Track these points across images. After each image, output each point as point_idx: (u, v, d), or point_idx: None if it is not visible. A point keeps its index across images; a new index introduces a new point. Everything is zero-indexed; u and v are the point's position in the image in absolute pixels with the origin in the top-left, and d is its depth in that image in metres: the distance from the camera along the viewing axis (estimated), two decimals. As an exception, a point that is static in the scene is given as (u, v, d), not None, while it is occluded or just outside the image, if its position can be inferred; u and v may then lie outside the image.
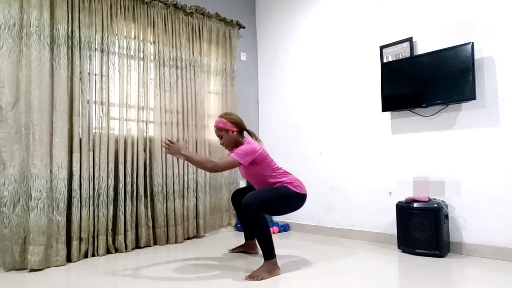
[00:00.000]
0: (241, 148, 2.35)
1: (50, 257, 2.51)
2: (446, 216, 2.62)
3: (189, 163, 3.37)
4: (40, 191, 2.47)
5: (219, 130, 2.51)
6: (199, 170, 3.45)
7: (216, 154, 3.68)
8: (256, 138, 2.57)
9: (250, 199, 2.19)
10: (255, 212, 2.18)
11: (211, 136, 3.66)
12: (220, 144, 2.55)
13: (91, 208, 2.75)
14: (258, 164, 2.40)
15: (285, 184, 2.39)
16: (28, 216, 2.44)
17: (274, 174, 2.43)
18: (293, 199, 2.37)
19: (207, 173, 3.54)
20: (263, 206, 2.23)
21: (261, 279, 2.13)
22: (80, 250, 2.67)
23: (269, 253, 2.23)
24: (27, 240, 2.42)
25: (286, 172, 2.50)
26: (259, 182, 2.48)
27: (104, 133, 2.86)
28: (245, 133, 2.61)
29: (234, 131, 2.49)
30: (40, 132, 2.50)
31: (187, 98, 3.42)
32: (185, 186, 3.35)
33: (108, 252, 2.85)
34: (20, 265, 2.42)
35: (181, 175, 3.34)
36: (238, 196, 2.80)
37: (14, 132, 2.44)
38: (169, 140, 2.21)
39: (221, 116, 2.53)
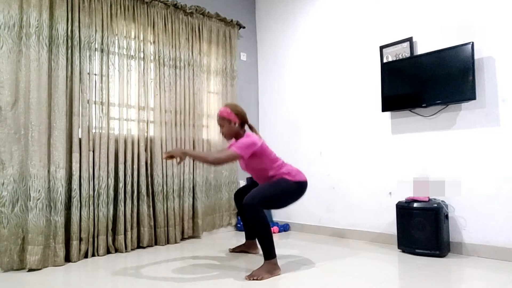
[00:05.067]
0: (241, 142, 2.33)
1: (49, 257, 2.51)
2: (446, 216, 2.61)
3: (192, 162, 3.39)
4: (39, 191, 2.47)
5: (222, 119, 2.50)
6: (198, 170, 3.45)
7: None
8: (256, 133, 2.56)
9: (251, 198, 2.19)
10: (255, 211, 2.18)
11: (211, 136, 3.66)
12: (220, 132, 2.56)
13: (91, 208, 2.75)
14: (258, 157, 2.39)
15: (284, 176, 2.39)
16: (26, 216, 2.43)
17: (274, 165, 2.43)
18: (293, 190, 2.38)
19: (207, 173, 3.53)
20: (265, 203, 2.24)
21: (261, 279, 2.13)
22: (80, 250, 2.67)
23: (269, 253, 2.23)
24: (26, 240, 2.42)
25: (284, 163, 2.49)
26: (259, 174, 2.48)
27: (104, 133, 2.86)
28: (246, 127, 2.60)
29: (236, 122, 2.48)
30: (39, 133, 2.50)
31: (187, 98, 3.42)
32: (185, 186, 3.35)
33: (108, 252, 2.85)
34: (18, 265, 2.42)
35: (181, 175, 3.34)
36: (240, 195, 2.80)
37: (13, 132, 2.44)
38: (166, 152, 2.22)
39: (226, 106, 2.52)
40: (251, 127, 2.63)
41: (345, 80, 3.39)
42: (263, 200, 2.23)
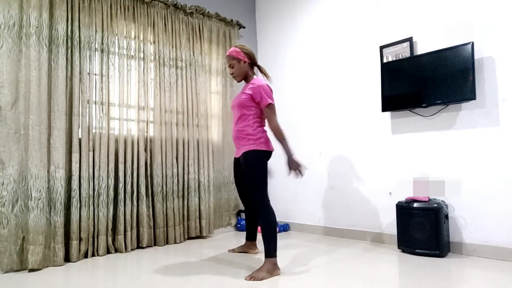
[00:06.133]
0: (265, 92, 2.37)
1: (48, 257, 2.51)
2: (446, 216, 2.61)
3: (196, 162, 3.39)
4: (39, 191, 2.47)
5: (231, 59, 2.52)
6: (201, 170, 3.46)
7: (219, 154, 3.68)
8: (265, 74, 2.56)
9: (256, 198, 2.29)
10: (266, 208, 2.27)
11: (213, 135, 3.66)
12: (230, 74, 2.57)
13: (91, 208, 2.75)
14: (259, 104, 2.42)
15: (251, 148, 2.38)
16: (27, 216, 2.43)
17: (258, 122, 2.44)
18: (263, 160, 2.38)
19: (210, 173, 3.53)
20: (264, 188, 2.32)
21: (261, 279, 2.13)
22: (79, 250, 2.67)
23: (271, 251, 2.24)
24: (26, 240, 2.42)
25: (264, 128, 2.50)
26: (242, 120, 2.46)
27: (104, 133, 2.86)
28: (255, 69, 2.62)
29: (246, 61, 2.51)
30: (39, 132, 2.50)
31: (189, 98, 3.42)
32: (185, 186, 3.35)
33: (108, 252, 2.85)
34: (18, 266, 2.41)
35: (181, 175, 3.33)
36: (243, 194, 2.81)
37: (13, 132, 2.44)
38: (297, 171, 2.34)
39: (235, 46, 2.55)
40: (260, 69, 2.61)
41: (345, 80, 3.39)
42: (260, 185, 2.30)
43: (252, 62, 2.55)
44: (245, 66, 2.52)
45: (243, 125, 2.46)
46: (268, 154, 2.43)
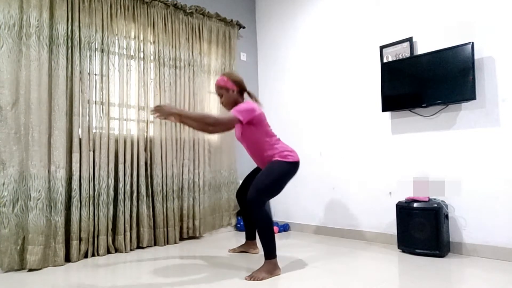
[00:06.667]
0: (240, 106, 2.31)
1: (49, 257, 2.51)
2: (446, 216, 2.62)
3: (192, 162, 3.38)
4: (39, 191, 2.47)
5: (220, 89, 2.50)
6: (197, 170, 3.45)
7: (216, 155, 3.69)
8: (256, 100, 2.54)
9: (254, 192, 2.20)
10: (260, 208, 2.20)
11: (212, 136, 3.66)
12: (220, 103, 2.56)
13: (91, 208, 2.75)
14: (254, 126, 2.36)
15: (277, 158, 2.35)
16: (27, 216, 2.43)
17: (268, 140, 2.39)
18: (287, 171, 2.33)
19: (206, 173, 3.53)
20: (267, 192, 2.25)
21: (261, 279, 2.13)
22: (80, 250, 2.67)
23: (270, 252, 2.23)
24: (27, 240, 2.42)
25: (279, 140, 2.46)
26: (252, 148, 2.44)
27: (104, 133, 2.86)
28: (245, 95, 2.60)
29: (234, 90, 2.49)
30: (39, 132, 2.50)
31: (187, 98, 3.42)
32: (184, 186, 3.35)
33: (108, 252, 2.85)
34: (19, 266, 2.42)
35: (180, 175, 3.34)
36: (242, 194, 2.80)
37: (13, 132, 2.44)
38: (156, 106, 2.10)
39: (223, 74, 2.52)
40: (250, 95, 2.60)
41: (345, 80, 3.39)
42: (266, 189, 2.23)
43: (241, 89, 2.52)
44: (234, 94, 2.50)
45: (262, 150, 2.41)
46: (295, 165, 2.38)
